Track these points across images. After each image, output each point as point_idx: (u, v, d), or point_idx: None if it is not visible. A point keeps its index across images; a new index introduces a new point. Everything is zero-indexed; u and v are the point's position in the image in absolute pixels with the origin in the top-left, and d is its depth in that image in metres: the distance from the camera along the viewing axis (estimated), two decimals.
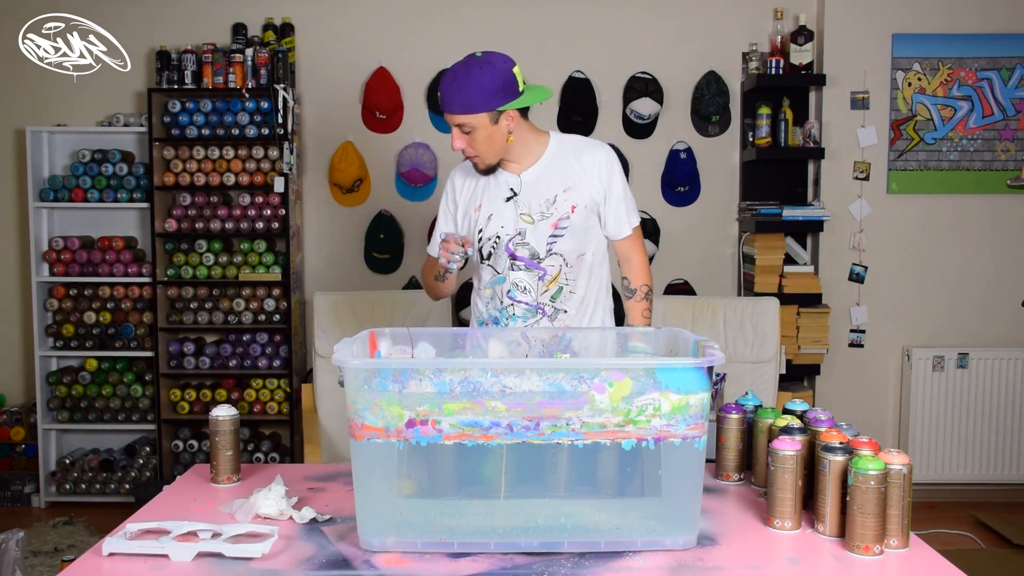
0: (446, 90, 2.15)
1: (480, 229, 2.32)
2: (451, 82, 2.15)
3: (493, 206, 2.30)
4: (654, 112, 4.29)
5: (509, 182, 2.30)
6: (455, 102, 2.14)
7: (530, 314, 2.30)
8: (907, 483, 1.56)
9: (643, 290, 2.39)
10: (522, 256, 2.28)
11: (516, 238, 2.28)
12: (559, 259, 2.28)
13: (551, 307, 2.30)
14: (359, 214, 4.40)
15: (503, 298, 2.31)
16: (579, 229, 2.28)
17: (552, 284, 2.29)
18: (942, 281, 4.34)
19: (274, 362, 4.20)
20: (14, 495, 4.29)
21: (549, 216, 2.27)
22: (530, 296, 2.29)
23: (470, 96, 2.13)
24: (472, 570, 1.49)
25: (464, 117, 2.15)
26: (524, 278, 2.28)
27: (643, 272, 2.40)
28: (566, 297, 2.31)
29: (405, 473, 1.56)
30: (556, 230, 2.26)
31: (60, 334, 4.24)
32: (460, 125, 2.17)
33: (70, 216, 4.37)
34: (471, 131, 2.18)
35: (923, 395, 4.27)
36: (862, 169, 4.28)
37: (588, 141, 2.37)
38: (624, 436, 1.54)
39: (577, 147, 2.33)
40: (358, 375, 1.54)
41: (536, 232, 2.27)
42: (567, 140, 2.35)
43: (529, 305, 2.29)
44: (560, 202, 2.27)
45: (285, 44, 4.23)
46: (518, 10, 4.34)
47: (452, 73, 2.16)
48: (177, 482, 1.96)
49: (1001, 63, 4.26)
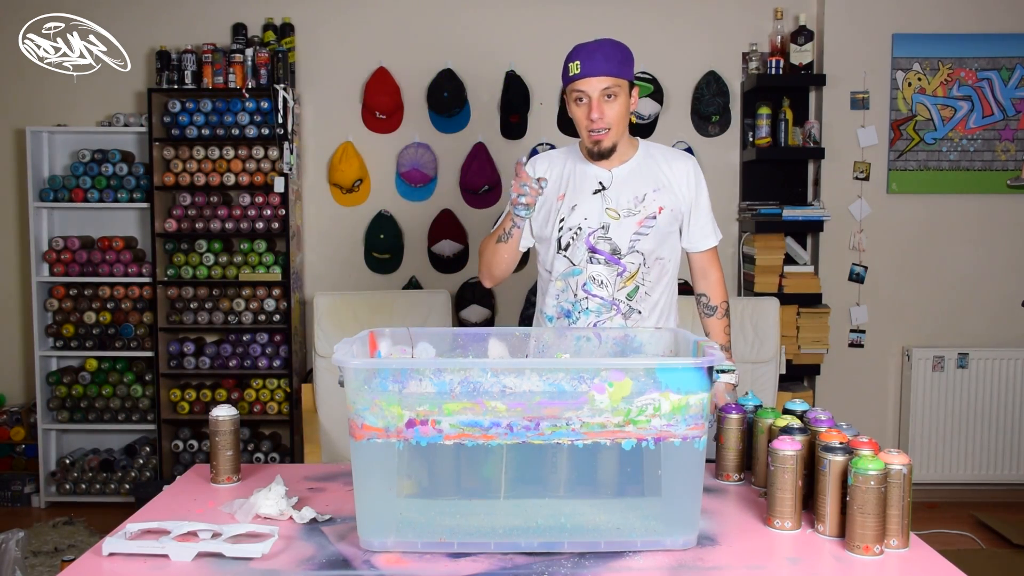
0: (591, 55, 2.14)
1: (562, 219, 2.28)
2: (596, 48, 2.15)
3: (579, 197, 2.27)
4: (654, 112, 4.29)
5: (599, 175, 2.28)
6: (609, 63, 2.14)
7: (604, 309, 2.26)
8: (907, 483, 1.56)
9: (723, 307, 2.40)
10: (602, 250, 2.25)
11: (599, 231, 2.25)
12: (639, 257, 2.26)
13: (626, 304, 2.27)
14: (359, 214, 4.40)
15: (577, 291, 2.27)
16: (662, 232, 2.27)
17: (629, 282, 2.26)
18: (942, 281, 4.34)
19: (274, 362, 4.20)
20: (14, 495, 4.29)
21: (636, 213, 2.25)
22: (606, 291, 2.26)
23: (622, 59, 2.16)
24: (472, 570, 1.49)
25: (615, 80, 2.14)
26: (602, 272, 2.25)
27: (723, 289, 2.41)
28: (642, 297, 2.28)
29: (405, 473, 1.56)
30: (641, 228, 2.25)
31: (60, 334, 4.24)
32: (606, 88, 2.15)
33: (70, 216, 4.37)
34: (614, 96, 2.16)
35: (923, 395, 4.27)
36: (862, 169, 4.28)
37: (679, 151, 2.39)
38: (624, 436, 1.54)
39: (667, 154, 2.34)
40: (358, 375, 1.54)
41: (620, 228, 2.25)
42: (656, 146, 2.36)
43: (604, 300, 2.26)
44: (649, 201, 2.26)
45: (285, 44, 4.23)
46: (518, 10, 4.34)
47: (592, 43, 2.17)
48: (177, 482, 1.96)
49: (1001, 63, 4.26)
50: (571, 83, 2.17)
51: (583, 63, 2.14)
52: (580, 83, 2.15)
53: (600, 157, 2.25)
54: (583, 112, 2.19)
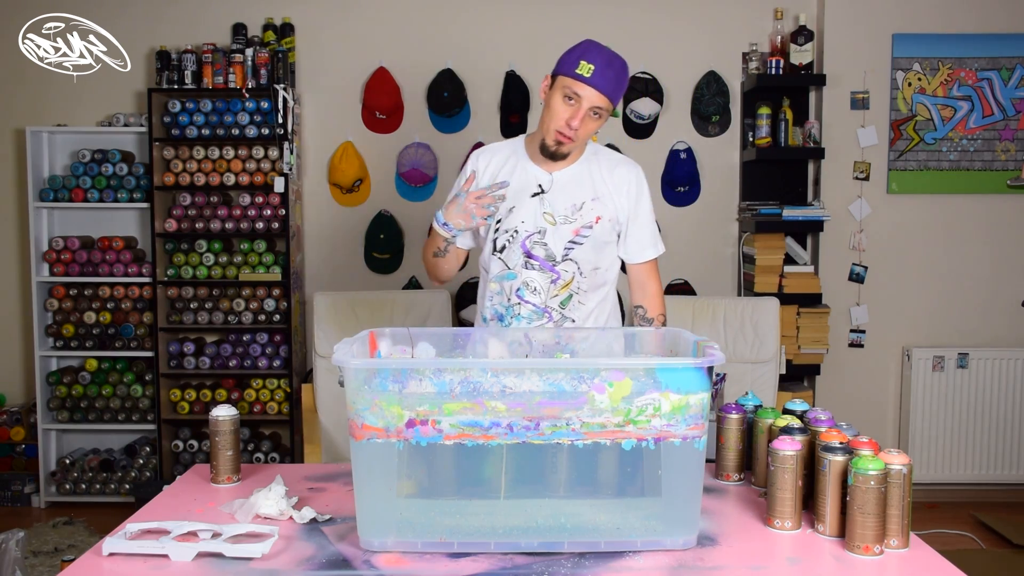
0: (605, 67, 2.07)
1: (499, 220, 2.23)
2: (610, 63, 2.09)
3: (517, 199, 2.22)
4: (654, 112, 4.29)
5: (539, 178, 2.23)
6: (615, 86, 2.10)
7: (536, 316, 2.23)
8: (907, 483, 1.56)
9: (659, 320, 2.32)
10: (537, 256, 2.22)
11: (535, 236, 2.21)
12: (574, 266, 2.22)
13: (559, 312, 2.23)
14: (359, 214, 4.40)
15: (511, 295, 2.24)
16: (599, 242, 2.22)
17: (564, 290, 2.23)
18: (942, 281, 4.34)
19: (274, 362, 4.20)
20: (14, 495, 4.29)
21: (572, 221, 2.20)
22: (539, 298, 2.23)
23: (622, 88, 2.13)
24: (472, 570, 1.49)
25: (608, 103, 2.11)
26: (536, 278, 2.22)
27: (660, 301, 2.33)
28: (575, 306, 2.24)
29: (405, 473, 1.56)
30: (576, 237, 2.21)
31: (60, 334, 4.24)
32: (598, 107, 2.10)
33: (70, 216, 4.37)
34: (599, 116, 2.13)
35: (923, 395, 4.27)
36: (862, 169, 4.28)
37: (622, 158, 2.34)
38: (624, 436, 1.54)
39: (612, 160, 2.29)
40: (358, 375, 1.54)
41: (556, 234, 2.20)
42: (602, 151, 2.31)
43: (537, 307, 2.23)
44: (587, 210, 2.21)
45: (285, 44, 4.23)
46: (518, 10, 4.34)
47: (610, 54, 2.11)
48: (177, 482, 1.96)
49: (1001, 63, 4.26)
50: (572, 79, 2.09)
51: (596, 70, 2.07)
52: (581, 87, 2.09)
53: (553, 158, 2.19)
54: (566, 112, 2.11)
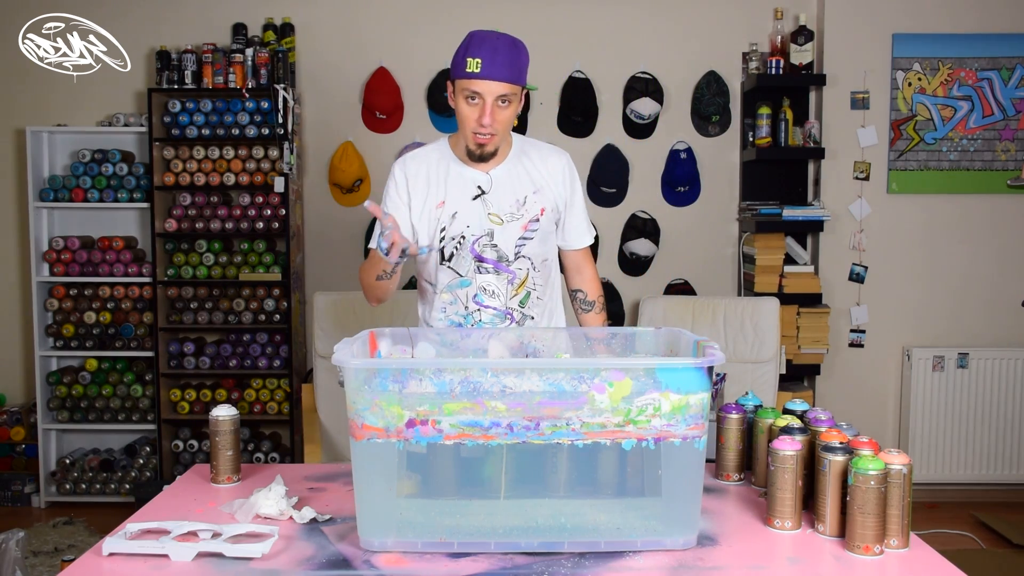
0: (493, 57, 1.99)
1: (443, 227, 2.15)
2: (497, 50, 2.00)
3: (458, 204, 2.14)
4: (654, 112, 4.29)
5: (476, 179, 2.15)
6: (510, 69, 2.01)
7: (498, 319, 2.18)
8: (907, 483, 1.56)
9: (600, 302, 2.34)
10: (489, 258, 2.16)
11: (484, 239, 2.15)
12: (527, 263, 2.18)
13: (519, 312, 2.19)
14: (359, 214, 4.40)
15: (468, 303, 2.18)
16: (546, 233, 2.19)
17: (521, 288, 2.19)
18: (942, 281, 4.34)
19: (274, 362, 4.20)
20: (14, 495, 4.29)
21: (519, 218, 2.15)
22: (499, 300, 2.18)
23: (521, 66, 2.04)
24: (472, 570, 1.49)
25: (511, 87, 2.02)
26: (493, 281, 2.16)
27: (597, 284, 2.35)
28: (534, 303, 2.21)
29: (405, 473, 1.56)
30: (526, 232, 2.16)
31: (60, 334, 4.24)
32: (503, 95, 2.02)
33: (70, 216, 4.37)
34: (509, 103, 2.04)
35: (923, 395, 4.27)
36: (862, 169, 4.28)
37: (548, 145, 2.27)
38: (624, 436, 1.54)
39: (541, 151, 2.23)
40: (358, 375, 1.54)
41: (505, 233, 2.15)
42: (529, 143, 2.24)
43: (498, 310, 2.17)
44: (530, 204, 2.16)
45: (285, 44, 4.23)
46: (518, 10, 4.33)
47: (494, 40, 2.02)
48: (177, 482, 1.96)
49: (1001, 63, 4.26)
50: (466, 79, 2.01)
51: (484, 63, 1.99)
52: (476, 83, 2.00)
53: (480, 160, 2.12)
54: (473, 113, 2.04)
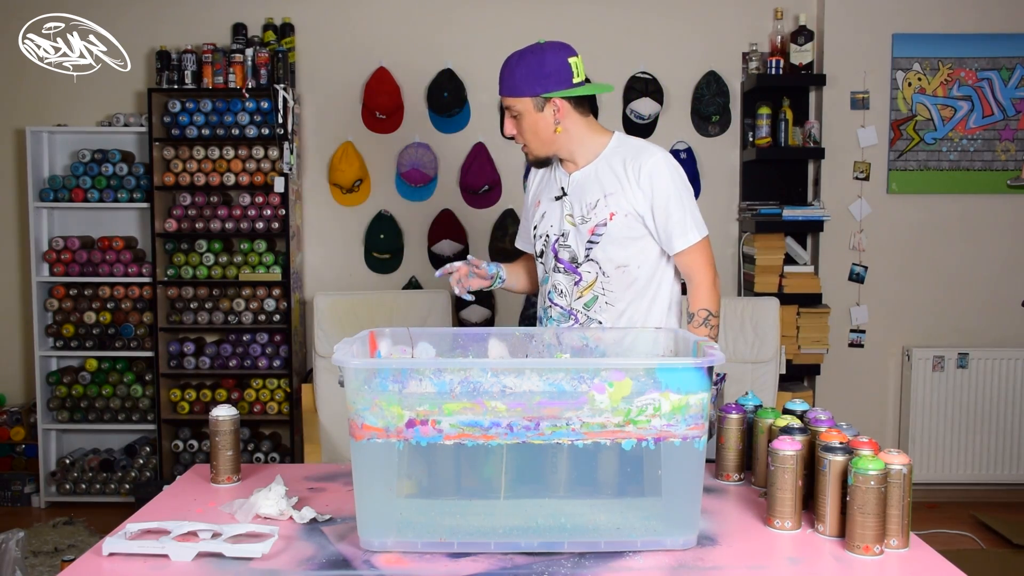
0: (501, 72, 2.17)
1: (535, 226, 2.30)
2: (505, 64, 2.16)
3: (547, 204, 2.28)
4: (654, 112, 4.29)
5: (561, 180, 2.26)
6: (504, 83, 2.16)
7: (564, 319, 2.23)
8: (907, 483, 1.56)
9: (701, 315, 2.18)
10: (563, 259, 2.22)
11: (560, 239, 2.23)
12: (595, 267, 2.19)
13: (584, 315, 2.21)
14: (359, 214, 4.40)
15: (545, 299, 2.28)
16: (618, 238, 2.15)
17: (587, 291, 2.20)
18: (942, 281, 4.34)
19: (274, 362, 4.20)
20: (14, 495, 4.29)
21: (588, 221, 2.18)
22: (565, 300, 2.23)
23: (517, 79, 2.13)
24: (472, 570, 1.49)
25: (510, 100, 2.15)
26: (562, 281, 2.22)
27: (703, 294, 2.18)
28: (601, 308, 2.19)
29: (405, 473, 1.56)
30: (592, 236, 2.17)
31: (60, 334, 4.24)
32: (508, 108, 2.17)
33: (70, 216, 4.37)
34: (518, 116, 2.16)
35: (923, 395, 4.27)
36: (862, 169, 4.28)
37: (644, 146, 2.22)
38: (624, 436, 1.54)
39: (632, 151, 2.19)
40: (358, 375, 1.54)
41: (577, 235, 2.21)
42: (626, 142, 2.24)
43: (563, 309, 2.22)
44: (600, 208, 2.17)
45: (285, 44, 4.23)
46: (518, 10, 4.34)
47: (511, 56, 2.17)
48: (177, 482, 1.96)
49: (1001, 63, 4.26)
50: None
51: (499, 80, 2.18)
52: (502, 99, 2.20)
53: (538, 166, 2.29)
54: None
